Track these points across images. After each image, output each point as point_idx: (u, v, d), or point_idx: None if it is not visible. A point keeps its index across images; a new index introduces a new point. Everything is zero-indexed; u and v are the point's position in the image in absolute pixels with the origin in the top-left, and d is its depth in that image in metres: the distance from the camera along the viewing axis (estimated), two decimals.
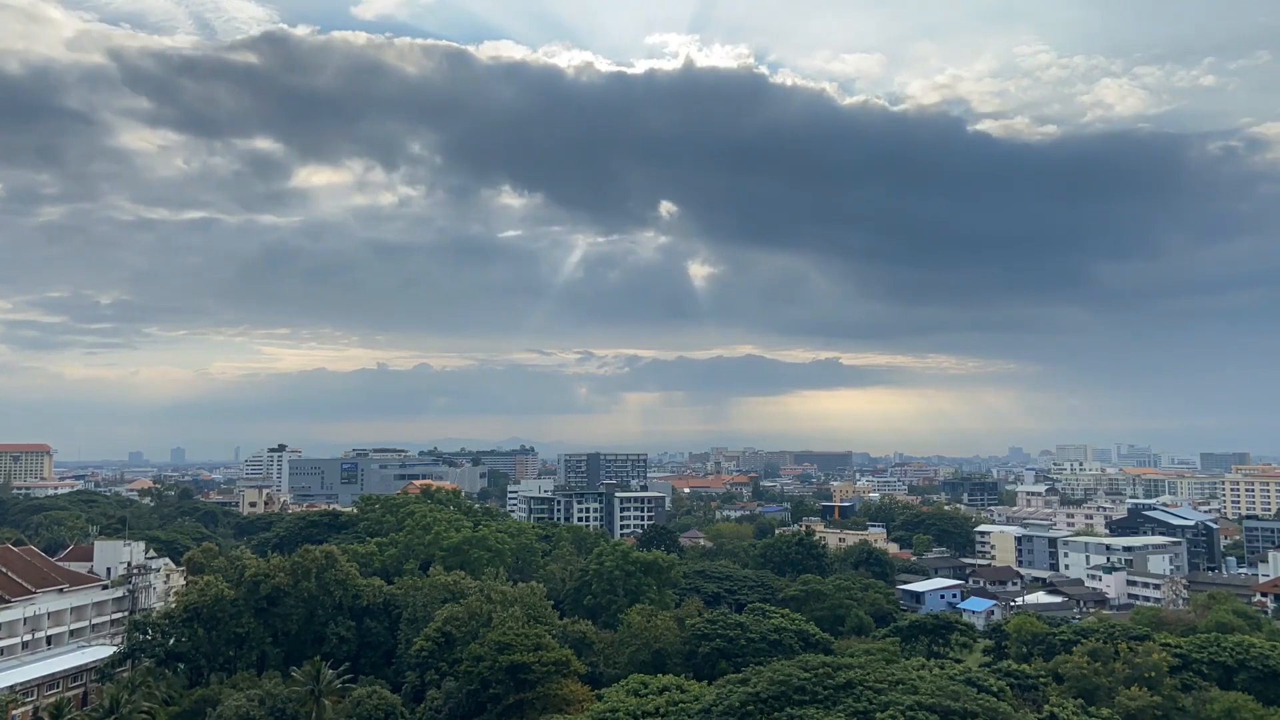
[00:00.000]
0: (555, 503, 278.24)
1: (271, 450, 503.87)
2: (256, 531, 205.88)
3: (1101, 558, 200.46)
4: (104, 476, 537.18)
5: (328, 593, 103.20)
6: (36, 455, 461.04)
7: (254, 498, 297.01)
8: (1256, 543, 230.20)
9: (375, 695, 79.08)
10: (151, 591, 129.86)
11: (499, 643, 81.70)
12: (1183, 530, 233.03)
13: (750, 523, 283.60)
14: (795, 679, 62.52)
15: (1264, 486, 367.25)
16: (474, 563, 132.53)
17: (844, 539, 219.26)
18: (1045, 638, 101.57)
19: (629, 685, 74.35)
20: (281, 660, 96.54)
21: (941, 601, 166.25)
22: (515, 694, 79.48)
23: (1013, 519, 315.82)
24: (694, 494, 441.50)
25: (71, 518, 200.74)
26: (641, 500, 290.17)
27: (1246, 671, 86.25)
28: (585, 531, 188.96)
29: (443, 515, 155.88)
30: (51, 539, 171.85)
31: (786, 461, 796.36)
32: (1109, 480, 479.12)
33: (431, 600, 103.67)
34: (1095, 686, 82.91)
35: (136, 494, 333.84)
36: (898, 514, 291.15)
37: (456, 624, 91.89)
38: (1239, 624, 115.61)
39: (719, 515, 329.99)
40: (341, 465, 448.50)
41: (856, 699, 59.46)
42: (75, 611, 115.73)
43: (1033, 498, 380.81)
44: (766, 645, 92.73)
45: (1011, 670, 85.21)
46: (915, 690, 59.89)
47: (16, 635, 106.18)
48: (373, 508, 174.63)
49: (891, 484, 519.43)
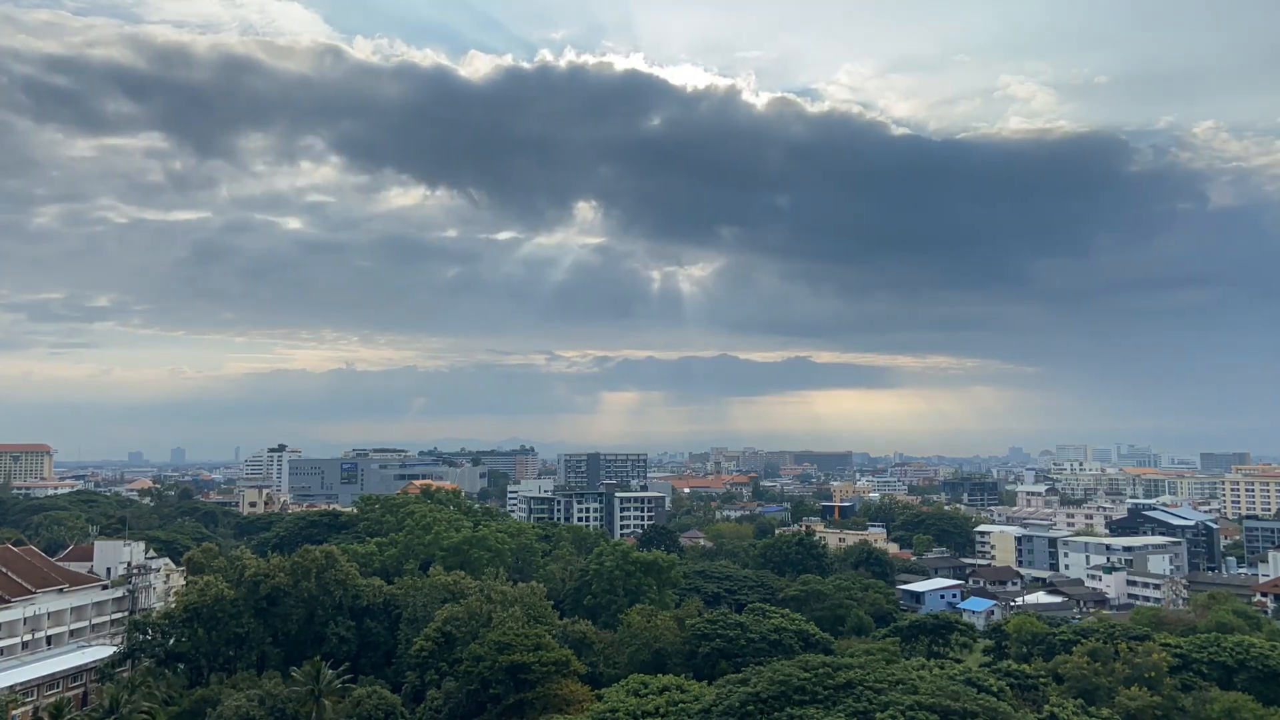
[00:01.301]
0: (555, 503, 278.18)
1: (271, 450, 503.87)
2: (256, 531, 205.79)
3: (1101, 558, 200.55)
4: (104, 476, 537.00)
5: (328, 593, 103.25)
6: (36, 455, 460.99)
7: (254, 498, 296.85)
8: (1256, 543, 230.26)
9: (375, 695, 79.13)
10: (151, 591, 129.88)
11: (499, 643, 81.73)
12: (1183, 530, 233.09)
13: (750, 523, 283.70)
14: (795, 679, 62.54)
15: (1264, 486, 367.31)
16: (474, 563, 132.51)
17: (844, 539, 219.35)
18: (1045, 638, 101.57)
19: (629, 685, 74.36)
20: (281, 660, 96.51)
21: (941, 601, 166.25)
22: (515, 694, 79.54)
23: (1013, 519, 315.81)
24: (694, 494, 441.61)
25: (71, 518, 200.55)
26: (641, 500, 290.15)
27: (1246, 671, 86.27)
28: (585, 531, 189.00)
29: (443, 515, 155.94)
30: (51, 539, 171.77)
31: (786, 461, 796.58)
32: (1109, 480, 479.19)
33: (431, 600, 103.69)
34: (1095, 686, 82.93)
35: (136, 494, 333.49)
36: (898, 514, 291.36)
37: (456, 624, 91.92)
38: (1239, 624, 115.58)
39: (719, 515, 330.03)
40: (341, 465, 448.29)
41: (856, 699, 59.49)
42: (75, 611, 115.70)
43: (1033, 498, 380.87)
44: (766, 645, 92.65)
45: (1011, 670, 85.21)
46: (915, 690, 59.93)
47: (16, 635, 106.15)
48: (373, 508, 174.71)
49: (891, 484, 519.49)
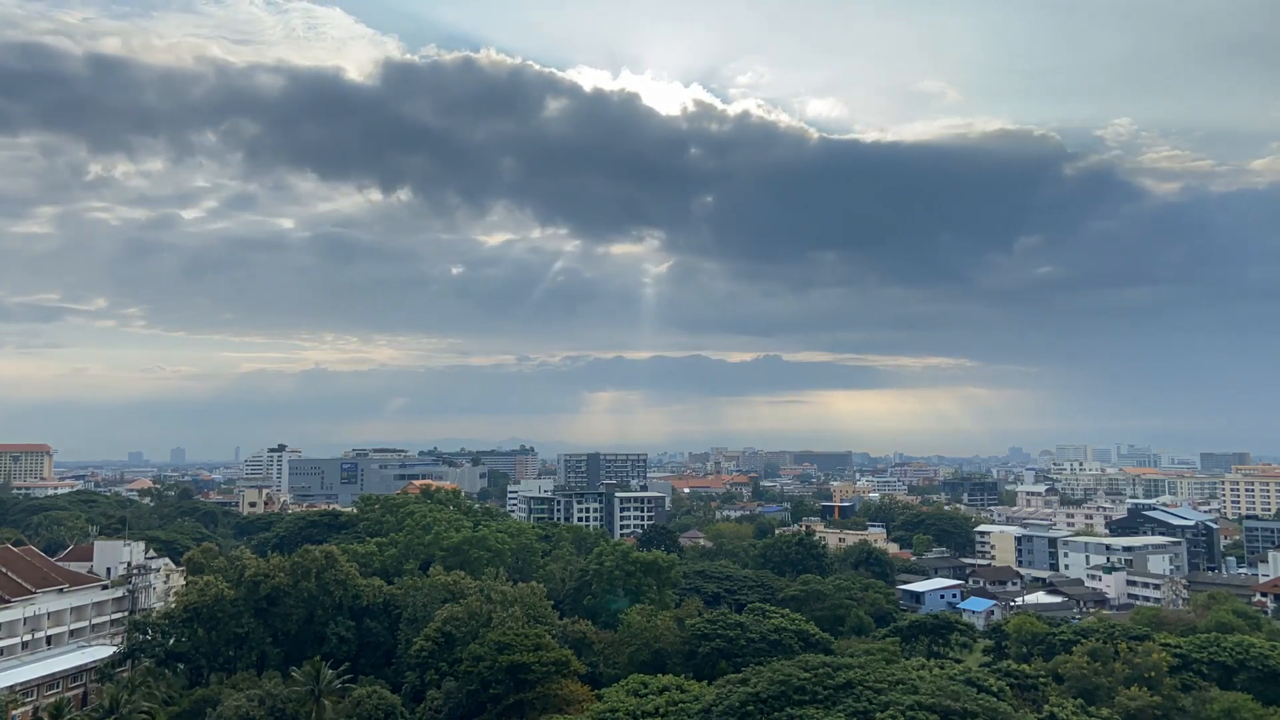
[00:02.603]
0: (555, 503, 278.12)
1: (271, 450, 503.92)
2: (256, 531, 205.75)
3: (1101, 558, 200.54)
4: (103, 477, 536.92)
5: (327, 593, 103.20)
6: (36, 455, 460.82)
7: (254, 498, 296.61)
8: (1256, 543, 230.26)
9: (375, 695, 79.10)
10: (151, 592, 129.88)
11: (499, 643, 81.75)
12: (1182, 530, 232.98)
13: (750, 523, 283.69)
14: (795, 679, 62.59)
15: (1264, 486, 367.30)
16: (474, 563, 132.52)
17: (844, 539, 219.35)
18: (1045, 638, 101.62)
19: (629, 685, 74.45)
20: (281, 660, 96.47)
21: (941, 601, 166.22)
22: (515, 694, 79.51)
23: (1012, 519, 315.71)
24: (694, 494, 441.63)
25: (71, 518, 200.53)
26: (641, 500, 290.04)
27: (1246, 672, 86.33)
28: (585, 531, 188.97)
29: (442, 515, 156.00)
30: (51, 539, 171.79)
31: (786, 461, 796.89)
32: (1109, 480, 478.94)
33: (431, 600, 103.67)
34: (1095, 686, 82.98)
35: (136, 494, 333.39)
36: (898, 514, 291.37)
37: (456, 624, 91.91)
38: (1239, 624, 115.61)
39: (719, 515, 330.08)
40: (341, 465, 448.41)
41: (856, 699, 59.54)
42: (75, 612, 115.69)
43: (1033, 498, 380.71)
44: (766, 645, 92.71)
45: (1011, 670, 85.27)
46: (915, 690, 59.97)
47: (16, 635, 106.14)
48: (372, 508, 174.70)
49: (891, 484, 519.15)
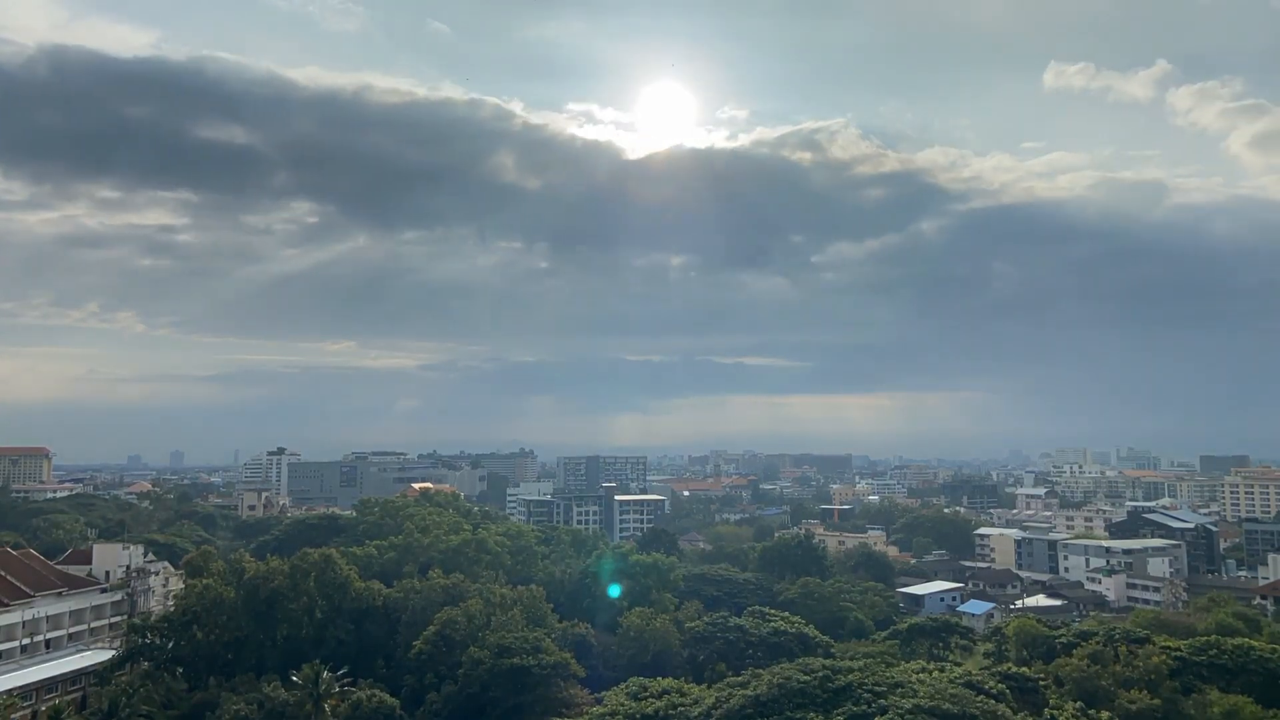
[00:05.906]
0: (554, 505, 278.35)
1: (270, 453, 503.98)
2: (255, 534, 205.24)
3: (1101, 560, 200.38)
4: (102, 479, 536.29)
5: (326, 596, 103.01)
6: (35, 458, 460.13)
7: (253, 501, 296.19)
8: (1256, 545, 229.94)
9: (374, 698, 79.10)
10: (150, 595, 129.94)
11: (498, 646, 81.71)
12: (1182, 533, 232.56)
13: (750, 525, 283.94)
14: (795, 682, 62.55)
15: (1264, 489, 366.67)
16: (473, 565, 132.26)
17: (844, 542, 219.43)
18: (1045, 640, 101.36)
19: (628, 688, 74.25)
20: (280, 663, 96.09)
21: (941, 604, 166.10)
22: (514, 697, 79.49)
23: (1012, 522, 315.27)
24: (693, 497, 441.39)
25: (70, 521, 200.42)
26: (641, 503, 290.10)
27: (1247, 674, 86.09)
28: (585, 534, 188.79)
29: (441, 518, 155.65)
30: (50, 542, 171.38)
31: (786, 464, 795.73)
32: (1108, 483, 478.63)
33: (430, 603, 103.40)
34: (1095, 689, 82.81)
35: (135, 497, 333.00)
36: (897, 516, 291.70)
37: (455, 627, 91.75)
38: (1239, 627, 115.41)
39: (718, 518, 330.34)
40: (340, 468, 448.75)
41: (856, 702, 59.51)
42: (74, 615, 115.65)
43: (1032, 500, 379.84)
44: (766, 648, 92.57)
45: (1011, 673, 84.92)
46: (915, 693, 59.94)
47: (15, 639, 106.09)
48: (371, 510, 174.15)
49: (891, 487, 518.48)
